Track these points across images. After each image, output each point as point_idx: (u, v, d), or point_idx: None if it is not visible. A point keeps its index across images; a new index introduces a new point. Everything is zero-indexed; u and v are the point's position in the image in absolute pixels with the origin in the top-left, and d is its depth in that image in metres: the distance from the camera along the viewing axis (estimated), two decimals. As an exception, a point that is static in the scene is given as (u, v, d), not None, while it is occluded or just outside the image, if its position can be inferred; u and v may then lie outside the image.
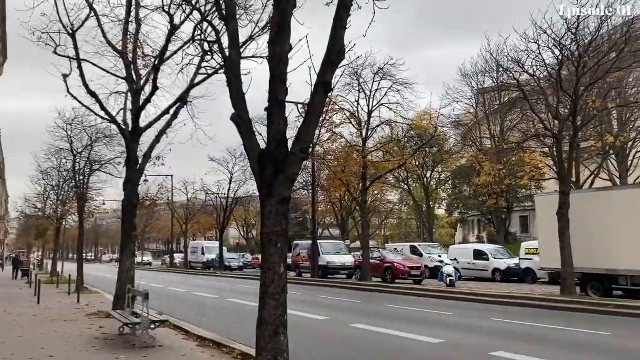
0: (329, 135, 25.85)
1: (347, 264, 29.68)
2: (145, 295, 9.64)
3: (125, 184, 15.04)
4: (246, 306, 17.37)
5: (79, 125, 24.77)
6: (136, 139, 15.11)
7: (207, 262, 49.19)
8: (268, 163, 6.47)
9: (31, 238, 54.63)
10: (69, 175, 31.91)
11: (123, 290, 14.28)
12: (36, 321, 13.36)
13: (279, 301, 6.39)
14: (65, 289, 23.09)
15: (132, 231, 14.92)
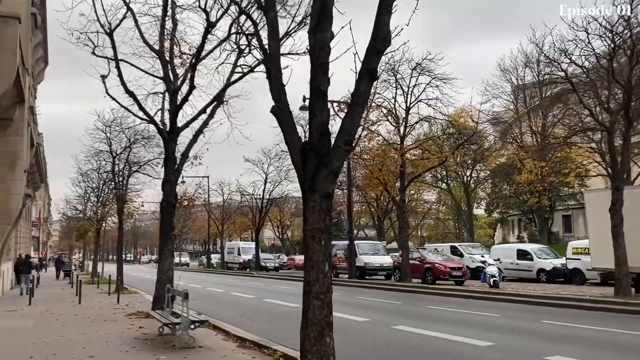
0: (366, 133, 25.39)
1: (385, 264, 29.15)
2: (185, 295, 9.47)
3: (164, 183, 15.00)
4: (284, 307, 17.15)
5: (118, 127, 25.14)
6: (174, 139, 15.06)
7: (244, 263, 49.35)
8: (310, 156, 6.15)
9: (72, 239, 55.94)
10: (108, 177, 32.49)
11: (162, 290, 14.24)
12: (77, 321, 13.42)
13: (324, 301, 6.05)
14: (105, 289, 23.40)
15: (170, 231, 14.87)
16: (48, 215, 79.09)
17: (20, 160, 18.67)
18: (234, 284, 30.82)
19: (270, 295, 21.36)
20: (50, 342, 9.97)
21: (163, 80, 15.19)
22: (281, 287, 26.66)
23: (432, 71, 24.53)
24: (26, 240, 37.10)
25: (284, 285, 28.21)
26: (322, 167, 6.09)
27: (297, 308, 16.79)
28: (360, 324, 12.87)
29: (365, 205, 46.64)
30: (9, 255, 24.81)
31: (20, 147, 18.77)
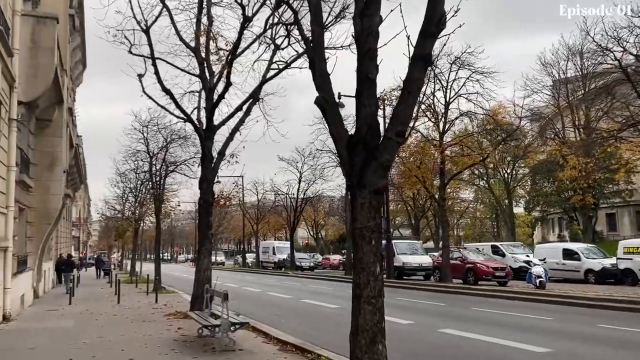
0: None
1: (424, 264, 28.44)
2: (225, 296, 9.16)
3: (201, 182, 14.80)
4: (322, 307, 16.77)
5: (154, 127, 25.27)
6: (210, 137, 14.85)
7: (279, 262, 49.26)
8: (358, 149, 5.71)
9: (111, 239, 56.95)
10: (145, 177, 32.81)
11: (200, 290, 14.01)
12: (116, 321, 13.33)
13: (375, 306, 5.59)
14: (143, 289, 23.48)
15: (208, 230, 14.66)
16: (88, 216, 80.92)
17: (60, 161, 18.84)
18: (270, 283, 30.64)
19: (308, 296, 21.01)
20: (90, 344, 9.81)
21: (199, 78, 15.01)
22: (318, 287, 26.30)
23: (472, 65, 23.76)
24: (67, 240, 37.81)
25: (320, 285, 27.86)
26: (372, 160, 5.65)
27: (336, 309, 16.52)
28: (405, 327, 12.37)
29: (401, 204, 45.82)
30: (49, 254, 25.20)
31: (60, 148, 18.94)
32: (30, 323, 13.16)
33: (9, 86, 13.30)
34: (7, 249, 13.18)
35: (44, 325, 12.81)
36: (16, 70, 13.50)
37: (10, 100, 13.44)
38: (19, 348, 9.50)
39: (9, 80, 13.07)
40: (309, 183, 43.85)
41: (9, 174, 13.32)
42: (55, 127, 18.81)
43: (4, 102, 12.66)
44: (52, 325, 12.77)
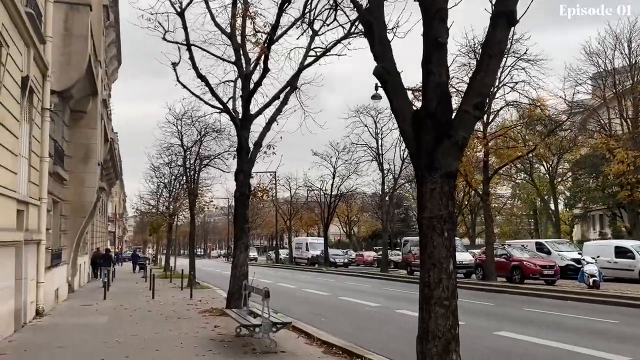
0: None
1: (464, 262, 27.25)
2: (266, 294, 8.45)
3: (237, 174, 14.19)
4: (363, 306, 15.97)
5: (188, 120, 24.88)
6: (247, 127, 14.22)
7: (312, 258, 48.65)
8: (427, 125, 4.89)
9: (146, 234, 57.35)
10: (179, 172, 32.59)
11: (237, 286, 13.42)
12: (150, 317, 12.82)
13: (448, 309, 4.79)
14: (178, 284, 23.13)
15: (244, 223, 14.03)
16: (123, 212, 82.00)
17: (94, 153, 18.54)
18: (304, 279, 30.00)
19: (346, 293, 20.24)
20: (123, 342, 9.26)
21: (235, 65, 14.40)
22: (355, 285, 25.50)
23: (517, 52, 22.48)
24: (102, 235, 38.00)
25: (357, 282, 27.05)
26: (444, 138, 4.83)
27: (377, 308, 15.70)
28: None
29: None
30: (85, 249, 25.11)
31: (94, 140, 18.64)
32: (63, 318, 12.78)
33: (42, 74, 12.91)
34: (40, 242, 12.82)
35: (77, 320, 12.40)
36: (49, 58, 13.10)
37: (43, 89, 13.05)
38: (49, 346, 9.02)
39: (41, 68, 12.67)
40: (343, 178, 43.01)
41: (42, 165, 12.94)
42: (89, 119, 18.51)
43: (36, 91, 12.26)
44: (86, 321, 12.34)
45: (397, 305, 15.96)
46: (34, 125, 12.24)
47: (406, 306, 15.45)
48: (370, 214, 62.98)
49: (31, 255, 12.11)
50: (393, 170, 34.92)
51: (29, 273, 11.86)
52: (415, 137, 5.00)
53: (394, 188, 35.01)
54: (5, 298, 9.71)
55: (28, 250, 11.72)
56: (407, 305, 15.83)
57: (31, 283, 12.13)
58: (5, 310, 9.80)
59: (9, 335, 9.94)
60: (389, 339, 10.19)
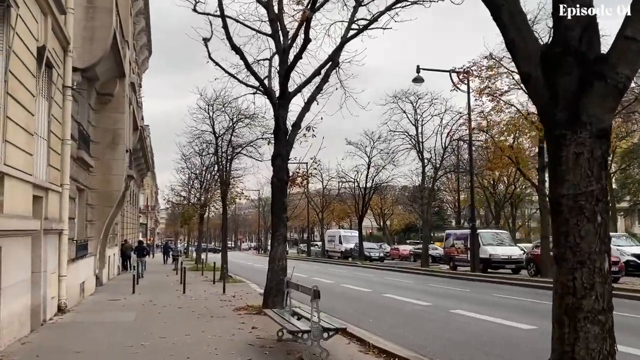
0: (494, 105, 21.89)
1: (513, 256, 25.51)
2: (315, 293, 7.09)
3: (274, 158, 12.86)
4: (411, 305, 14.48)
5: (220, 106, 23.74)
6: (285, 106, 12.86)
7: (345, 252, 47.27)
8: (567, 64, 3.41)
9: (177, 226, 56.93)
10: (210, 162, 31.61)
11: (274, 281, 12.14)
12: (181, 315, 11.64)
13: (604, 326, 3.30)
14: (209, 277, 22.09)
15: (282, 212, 12.71)
16: (155, 204, 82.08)
17: (122, 139, 17.49)
18: (341, 274, 28.64)
19: (389, 290, 18.77)
20: (149, 347, 8.04)
21: (272, 38, 13.04)
22: (395, 280, 24.00)
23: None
24: (133, 226, 37.38)
25: (397, 278, 25.52)
26: (594, 81, 3.33)
27: (427, 307, 14.14)
28: (530, 334, 9.90)
29: (480, 191, 42.32)
30: (115, 240, 24.28)
31: (122, 125, 17.58)
32: (87, 315, 11.70)
33: (63, 49, 11.79)
34: (62, 232, 11.75)
35: (101, 318, 11.29)
36: (70, 32, 11.96)
37: (65, 65, 11.94)
38: (65, 350, 7.85)
39: (61, 41, 11.54)
40: (379, 169, 41.31)
41: (63, 148, 11.85)
42: (117, 103, 17.44)
43: (56, 66, 11.14)
44: (111, 319, 11.22)
45: (450, 304, 14.43)
46: (54, 104, 11.13)
47: (461, 306, 13.93)
48: (404, 206, 61.21)
49: (52, 247, 11.03)
50: (434, 159, 33.09)
51: (49, 266, 10.79)
52: (548, 81, 3.51)
53: (435, 178, 33.20)
54: (19, 294, 8.60)
55: (48, 240, 10.64)
56: (462, 304, 14.30)
57: (52, 277, 11.07)
58: (19, 308, 8.70)
59: (24, 335, 8.85)
60: (455, 347, 8.72)
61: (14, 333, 8.36)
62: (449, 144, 31.56)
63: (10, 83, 8.11)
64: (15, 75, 8.27)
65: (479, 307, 13.63)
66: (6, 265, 7.87)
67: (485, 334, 9.82)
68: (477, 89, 22.35)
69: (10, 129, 8.07)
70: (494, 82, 21.99)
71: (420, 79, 24.29)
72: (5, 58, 7.93)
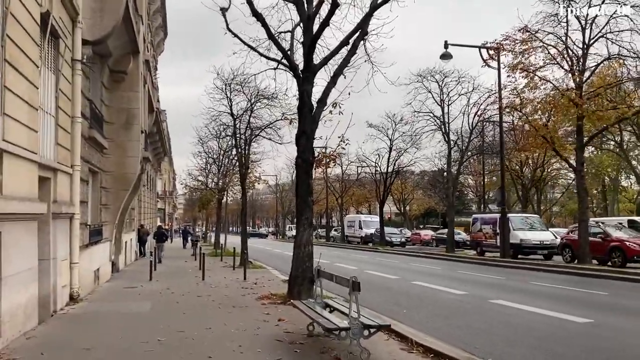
0: (527, 81, 20.55)
1: (545, 242, 24.32)
2: (354, 285, 6.16)
3: (298, 137, 11.91)
4: (446, 294, 13.52)
5: (238, 87, 22.80)
6: (310, 79, 11.87)
7: (366, 237, 46.35)
8: None
9: (195, 211, 56.57)
10: (228, 146, 30.82)
11: (300, 269, 11.31)
12: (200, 305, 10.83)
13: None
14: (229, 263, 21.38)
15: (308, 195, 11.78)
16: (173, 189, 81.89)
17: (136, 119, 16.64)
18: (363, 259, 27.75)
19: (417, 277, 17.82)
20: (165, 343, 7.21)
21: (294, 5, 11.99)
22: (422, 266, 23.01)
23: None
24: (151, 211, 36.85)
25: (423, 264, 24.53)
26: None
27: (465, 297, 12.98)
28: (589, 329, 8.87)
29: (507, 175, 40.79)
30: (132, 225, 23.64)
31: (136, 104, 16.72)
32: (100, 305, 10.95)
33: (71, 19, 10.91)
34: (73, 216, 10.96)
35: (115, 308, 10.53)
36: (79, 1, 11.08)
37: (74, 37, 11.06)
38: (74, 346, 7.06)
39: (69, 10, 10.65)
40: (400, 152, 40.07)
41: (73, 127, 11.02)
42: (131, 81, 16.58)
43: (63, 37, 10.25)
44: (125, 309, 10.45)
45: (487, 293, 13.45)
46: (62, 79, 10.27)
47: (500, 295, 12.95)
48: (424, 191, 59.97)
49: (62, 232, 10.25)
50: (461, 140, 31.69)
51: (59, 252, 10.02)
52: None
53: (461, 161, 31.90)
54: (23, 284, 7.82)
55: (57, 225, 9.85)
56: (500, 293, 13.32)
57: (62, 264, 10.30)
58: (25, 298, 7.93)
59: (31, 329, 8.10)
60: (508, 345, 7.76)
61: (18, 327, 7.60)
62: (476, 124, 30.22)
63: (9, 49, 7.24)
64: (14, 41, 7.40)
65: (520, 297, 12.61)
66: (7, 253, 7.07)
67: (538, 329, 8.83)
68: (509, 65, 21.03)
69: (9, 101, 7.22)
70: (527, 57, 20.64)
71: (448, 55, 23.04)
72: (1, 20, 7.06)
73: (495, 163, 43.02)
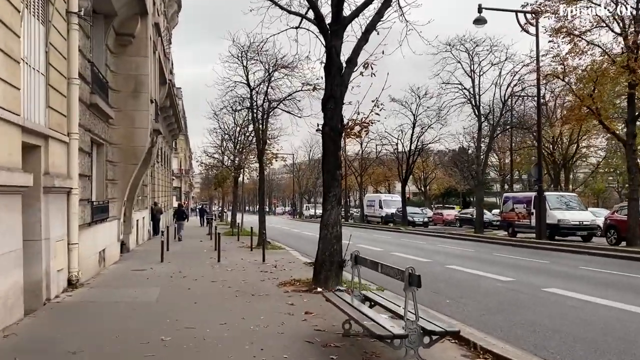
0: (571, 47, 18.68)
1: (585, 222, 22.62)
2: (412, 279, 4.72)
3: (325, 102, 10.40)
4: (489, 280, 12.01)
5: (254, 54, 21.25)
6: (339, 33, 10.30)
7: (386, 217, 44.85)
8: None
9: (211, 189, 55.61)
10: (244, 121, 29.42)
11: (328, 252, 9.95)
12: (215, 293, 9.50)
13: None
14: (246, 243, 20.13)
15: (336, 169, 10.30)
16: (189, 168, 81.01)
17: (145, 87, 15.24)
18: (386, 240, 26.32)
19: (450, 260, 16.35)
20: (171, 344, 5.87)
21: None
22: (453, 248, 21.48)
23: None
24: (166, 189, 35.73)
25: (452, 245, 23.00)
26: None
27: (512, 284, 11.22)
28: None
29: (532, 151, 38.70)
30: (145, 203, 22.46)
31: (145, 71, 15.30)
32: (101, 292, 9.67)
33: (64, -36, 9.45)
34: (70, 191, 9.65)
35: (118, 296, 9.24)
36: (73, -58, 9.62)
37: (68, -15, 9.63)
38: (56, 349, 5.72)
39: (62, -48, 9.19)
40: (424, 128, 38.19)
41: (70, 89, 9.65)
42: (139, 45, 15.15)
43: (54, -18, 8.81)
44: (129, 297, 9.15)
45: (536, 280, 11.95)
46: (54, 32, 8.85)
47: (552, 282, 11.44)
48: (445, 169, 58.07)
49: (56, 209, 8.94)
50: (493, 114, 29.67)
51: (54, 232, 8.73)
52: None
53: (492, 136, 29.99)
54: (2, 271, 6.52)
55: (50, 201, 8.54)
56: (551, 280, 11.82)
57: (58, 245, 9.01)
58: (5, 287, 6.64)
59: (15, 322, 6.85)
60: (589, 348, 6.29)
61: None
62: (509, 96, 28.22)
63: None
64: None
65: (576, 285, 11.08)
66: (-24, 233, 5.75)
67: (616, 326, 7.34)
68: (552, 28, 19.12)
69: (-25, 46, 5.82)
70: (571, 20, 18.73)
71: (482, 20, 21.16)
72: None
73: (522, 140, 41.00)
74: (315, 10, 10.35)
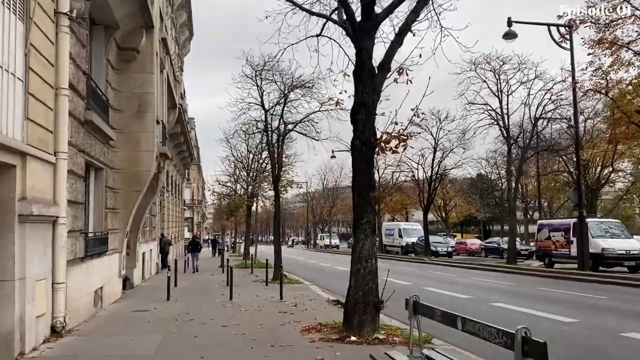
0: (613, 60, 17.11)
1: (632, 251, 20.63)
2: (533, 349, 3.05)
3: (355, 112, 8.88)
4: (550, 322, 10.16)
5: (269, 73, 19.99)
6: (370, 33, 8.86)
7: (407, 246, 42.82)
8: None
9: (223, 219, 54.29)
10: (257, 148, 28.22)
11: (361, 291, 8.32)
12: (226, 343, 7.82)
13: None
14: (260, 276, 18.49)
15: (369, 190, 8.73)
16: (202, 199, 79.80)
17: (151, 106, 13.85)
18: (412, 272, 24.40)
19: (493, 296, 14.49)
20: None
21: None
22: (488, 281, 19.48)
23: None
24: (177, 219, 34.25)
25: (486, 278, 21.00)
26: None
27: (576, 326, 9.32)
28: None
29: (567, 176, 36.66)
30: (152, 235, 20.93)
31: (150, 89, 13.94)
32: (90, 341, 8.02)
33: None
34: (56, 220, 8.14)
35: (110, 348, 7.58)
36: None
37: (56, -18, 8.32)
38: None
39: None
40: (445, 152, 36.47)
41: (57, 101, 8.26)
42: (144, 61, 13.84)
43: (39, -25, 7.48)
44: (123, 349, 7.51)
45: (606, 321, 10.15)
46: (37, 31, 7.50)
47: (628, 325, 9.57)
48: (464, 197, 56.13)
49: (36, 241, 7.42)
50: (523, 136, 27.86)
51: (31, 269, 7.18)
52: None
53: (523, 158, 28.11)
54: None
55: (28, 232, 7.04)
56: (626, 322, 9.93)
57: (38, 285, 7.45)
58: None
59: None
60: None
61: None
62: (539, 117, 26.45)
63: None
64: None
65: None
66: None
67: None
68: (590, 40, 17.63)
69: None
70: (613, 31, 17.22)
71: (512, 34, 19.70)
72: None
73: (546, 164, 39.11)
74: (345, 7, 8.89)
